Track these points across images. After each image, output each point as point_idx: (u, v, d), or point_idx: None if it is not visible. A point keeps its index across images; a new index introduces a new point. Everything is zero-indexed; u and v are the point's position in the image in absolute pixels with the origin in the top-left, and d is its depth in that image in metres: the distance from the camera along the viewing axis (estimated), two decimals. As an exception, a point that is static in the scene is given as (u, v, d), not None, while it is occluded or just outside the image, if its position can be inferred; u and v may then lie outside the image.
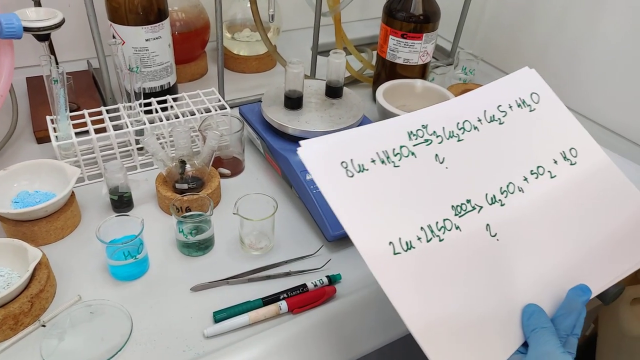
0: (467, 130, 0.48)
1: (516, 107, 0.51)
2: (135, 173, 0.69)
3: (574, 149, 0.52)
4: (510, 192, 0.47)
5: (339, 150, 0.42)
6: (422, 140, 0.46)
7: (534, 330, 0.40)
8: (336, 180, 0.41)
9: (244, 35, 0.95)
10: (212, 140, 0.62)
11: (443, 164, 0.46)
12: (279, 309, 0.51)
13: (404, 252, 0.40)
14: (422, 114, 0.47)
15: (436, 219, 0.43)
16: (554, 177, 0.49)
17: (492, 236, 0.45)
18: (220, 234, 0.61)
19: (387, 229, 0.41)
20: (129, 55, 0.71)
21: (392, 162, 0.43)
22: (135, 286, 0.54)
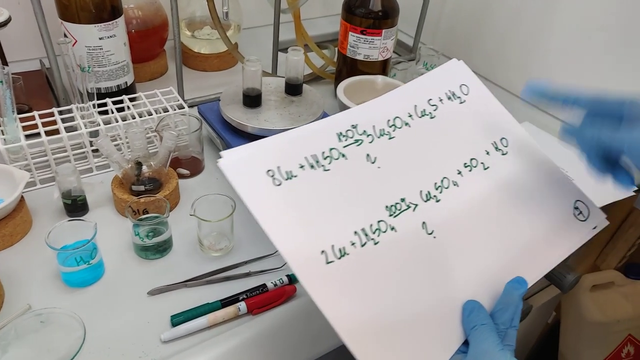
0: (398, 127, 0.47)
1: (446, 99, 0.51)
2: (91, 175, 0.67)
3: (505, 138, 0.52)
4: (445, 187, 0.47)
5: (263, 158, 0.40)
6: (352, 140, 0.45)
7: (474, 328, 0.40)
8: (262, 191, 0.39)
9: (204, 33, 0.94)
10: (168, 140, 0.61)
11: (375, 163, 0.45)
12: (237, 310, 0.51)
13: (337, 260, 0.39)
14: (351, 114, 0.46)
15: (370, 221, 0.42)
16: (487, 168, 0.49)
17: (429, 234, 0.44)
18: (179, 235, 0.60)
19: (319, 237, 0.39)
20: (82, 54, 0.69)
21: (322, 166, 0.42)
22: (90, 292, 0.53)
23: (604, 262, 1.11)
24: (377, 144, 0.45)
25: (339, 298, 0.38)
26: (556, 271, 0.75)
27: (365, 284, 0.40)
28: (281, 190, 0.40)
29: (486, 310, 0.42)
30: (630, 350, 1.12)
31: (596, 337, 1.12)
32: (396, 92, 0.49)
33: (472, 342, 0.40)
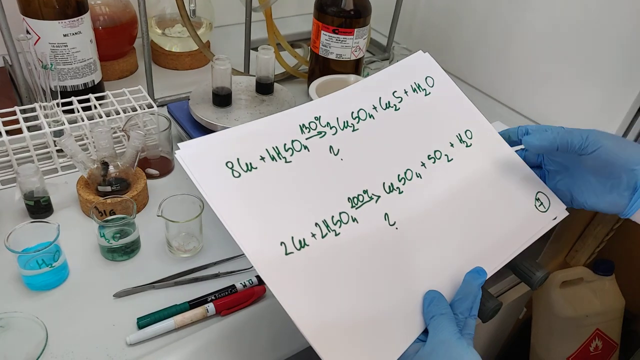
0: (362, 119, 0.47)
1: (412, 92, 0.51)
2: (56, 176, 0.66)
3: (469, 130, 0.52)
4: (408, 179, 0.47)
5: (223, 149, 0.40)
6: (315, 132, 0.44)
7: (433, 318, 0.41)
8: (221, 183, 0.39)
9: (175, 31, 0.92)
10: (135, 140, 0.60)
11: (338, 155, 0.44)
12: (206, 311, 0.50)
13: (297, 251, 0.39)
14: (315, 105, 0.46)
15: (332, 213, 0.42)
16: (450, 160, 0.49)
17: (391, 225, 0.44)
18: (147, 236, 0.59)
19: (279, 228, 0.39)
20: (46, 51, 0.67)
21: (284, 158, 0.42)
22: (53, 296, 0.51)
23: (574, 259, 1.13)
24: (340, 136, 0.45)
25: (299, 290, 0.38)
26: (526, 269, 0.76)
27: (327, 275, 0.39)
28: (240, 182, 0.39)
29: (446, 300, 0.43)
30: (598, 344, 1.14)
31: (566, 331, 1.14)
32: (361, 84, 0.49)
33: (431, 331, 0.41)
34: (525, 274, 0.76)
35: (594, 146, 0.45)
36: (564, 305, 1.12)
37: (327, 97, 0.47)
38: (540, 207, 0.51)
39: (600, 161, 0.45)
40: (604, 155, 0.45)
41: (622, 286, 1.14)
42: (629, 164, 0.44)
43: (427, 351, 0.40)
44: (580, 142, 0.45)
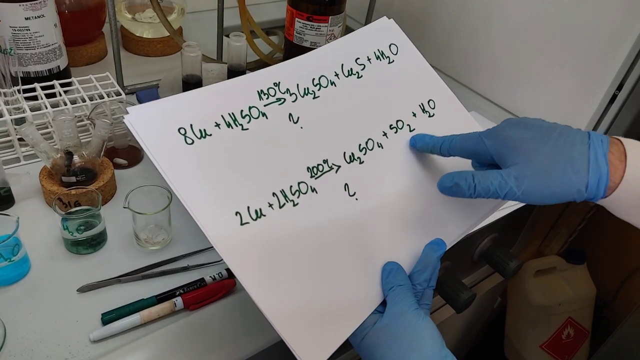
0: (323, 86, 0.45)
1: (375, 59, 0.49)
2: (18, 166, 0.63)
3: (432, 100, 0.51)
4: (369, 148, 0.45)
5: (175, 114, 0.38)
6: (274, 99, 0.42)
7: (392, 289, 0.41)
8: (172, 149, 0.37)
9: (146, 16, 0.89)
10: (101, 129, 0.58)
11: (297, 123, 0.43)
12: (173, 306, 0.49)
13: (253, 221, 0.38)
14: (274, 71, 0.44)
15: (290, 182, 0.40)
16: (412, 130, 0.48)
17: (351, 196, 0.43)
18: (115, 229, 0.57)
19: (234, 198, 0.38)
20: (6, 35, 0.64)
21: (240, 125, 0.40)
22: (13, 291, 0.49)
23: (547, 248, 1.15)
24: (300, 103, 0.43)
25: (255, 261, 0.37)
26: (500, 259, 0.77)
27: (284, 246, 0.39)
28: (193, 150, 0.38)
29: (405, 271, 0.42)
30: (570, 332, 1.17)
31: (539, 320, 1.16)
32: (323, 49, 0.47)
33: (389, 302, 0.41)
34: (499, 264, 0.77)
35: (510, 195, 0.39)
36: (537, 294, 1.13)
37: (287, 62, 0.45)
38: None
39: None
40: None
41: (594, 275, 1.17)
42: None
43: (385, 322, 0.40)
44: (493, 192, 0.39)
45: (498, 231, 0.77)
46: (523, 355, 1.20)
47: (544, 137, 0.38)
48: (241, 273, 0.36)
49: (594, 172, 0.36)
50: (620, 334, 0.95)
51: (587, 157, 0.37)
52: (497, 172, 0.39)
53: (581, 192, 0.37)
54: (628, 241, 1.11)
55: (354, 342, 0.41)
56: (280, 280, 0.38)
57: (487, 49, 0.88)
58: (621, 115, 0.75)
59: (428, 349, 0.37)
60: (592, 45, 0.73)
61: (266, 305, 0.36)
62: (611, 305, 1.19)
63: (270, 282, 0.37)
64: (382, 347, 0.39)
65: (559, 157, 0.37)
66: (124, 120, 0.36)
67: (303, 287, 0.39)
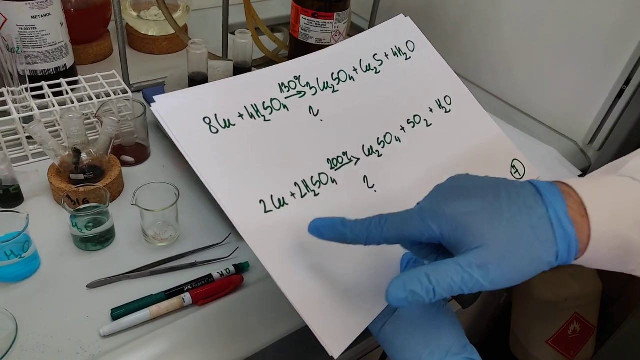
0: (342, 80, 0.46)
1: (392, 55, 0.50)
2: (26, 164, 0.63)
3: (449, 96, 0.52)
4: (387, 142, 0.46)
5: (201, 105, 0.39)
6: (294, 92, 0.44)
7: None
8: (198, 138, 0.38)
9: (151, 14, 0.90)
10: (109, 126, 0.58)
11: (317, 116, 0.44)
12: (182, 301, 0.49)
13: (277, 209, 0.39)
14: (295, 65, 0.45)
15: (311, 173, 0.41)
16: (430, 125, 0.49)
17: (370, 188, 0.44)
18: (122, 225, 0.57)
19: (258, 186, 0.39)
20: (13, 34, 0.65)
21: (263, 116, 0.41)
22: (23, 287, 0.50)
23: (553, 244, 1.14)
24: (320, 96, 0.45)
25: (279, 248, 0.38)
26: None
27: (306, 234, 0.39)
28: (218, 138, 0.39)
29: (422, 262, 0.42)
30: (576, 327, 1.16)
31: (545, 315, 1.16)
32: (341, 45, 0.48)
33: None
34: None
35: None
36: (543, 290, 1.13)
37: (307, 56, 0.46)
38: (515, 175, 0.52)
39: None
40: None
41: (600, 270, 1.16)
42: None
43: (404, 310, 0.40)
44: None
45: (504, 226, 0.77)
46: (529, 351, 1.20)
47: (494, 206, 0.33)
48: (266, 258, 0.37)
49: (561, 239, 0.31)
50: (626, 329, 0.95)
51: (549, 222, 0.32)
52: (453, 263, 0.32)
53: (551, 264, 0.32)
54: (634, 236, 1.10)
55: (374, 329, 0.41)
56: (303, 266, 0.39)
57: (493, 45, 0.88)
58: (628, 110, 0.74)
59: (448, 337, 0.38)
60: (599, 39, 0.73)
61: (290, 290, 0.37)
62: (617, 300, 1.19)
63: (294, 268, 0.38)
64: (402, 335, 0.39)
65: (520, 230, 0.32)
66: (151, 108, 0.37)
67: (325, 274, 0.39)
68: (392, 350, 0.39)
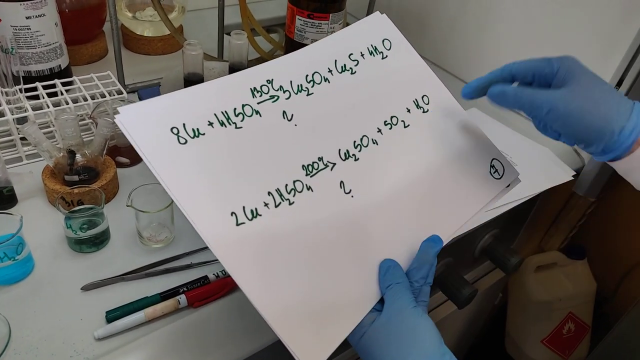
0: (317, 82, 0.45)
1: (368, 54, 0.49)
2: (20, 165, 0.63)
3: (426, 96, 0.51)
4: (364, 145, 0.45)
5: (168, 114, 0.37)
6: (267, 97, 0.42)
7: (389, 287, 0.41)
8: (165, 150, 0.36)
9: (146, 14, 0.89)
10: (104, 127, 0.58)
11: (292, 121, 0.42)
12: (177, 303, 0.49)
13: (249, 221, 0.37)
14: (267, 68, 0.43)
15: (285, 181, 0.40)
16: (407, 126, 0.48)
17: (347, 193, 0.43)
18: (117, 227, 0.57)
19: (229, 198, 0.37)
20: (6, 35, 0.64)
21: (234, 124, 0.40)
22: (17, 290, 0.49)
23: (548, 244, 1.15)
24: (294, 100, 0.43)
25: (251, 261, 0.37)
26: (501, 255, 0.77)
27: (280, 245, 0.39)
28: (186, 149, 0.37)
29: (402, 268, 0.42)
30: (571, 327, 1.17)
31: (540, 315, 1.17)
32: (316, 45, 0.47)
33: (387, 300, 0.41)
34: (501, 260, 0.77)
35: (554, 123, 0.42)
36: (538, 290, 1.14)
37: (280, 59, 0.44)
38: (495, 174, 0.51)
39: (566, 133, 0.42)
40: (570, 132, 0.41)
41: (594, 270, 1.17)
42: (601, 137, 0.40)
43: (383, 320, 0.40)
44: (537, 110, 0.42)
45: (499, 227, 0.77)
46: (524, 351, 1.20)
47: (601, 80, 0.41)
48: (237, 274, 0.36)
49: (633, 120, 0.39)
50: (621, 328, 0.96)
51: (632, 106, 0.40)
52: (548, 90, 0.41)
53: (614, 133, 0.39)
54: (628, 237, 1.11)
55: (352, 340, 0.41)
56: (277, 280, 0.38)
57: (488, 46, 0.88)
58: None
59: (427, 346, 0.38)
60: (592, 41, 0.74)
61: (263, 305, 0.36)
62: (611, 300, 1.20)
63: (267, 282, 0.37)
64: (380, 345, 0.39)
65: (610, 95, 0.40)
66: (115, 120, 0.36)
67: (300, 287, 0.39)
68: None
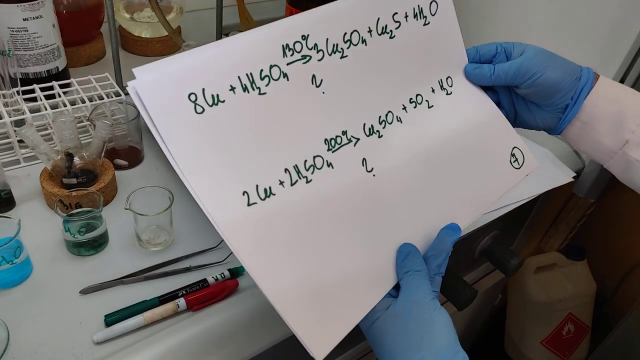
0: (353, 43, 0.41)
1: (412, 17, 0.45)
2: (18, 168, 0.63)
3: (450, 78, 0.49)
4: (389, 122, 0.43)
5: (186, 78, 0.33)
6: (299, 56, 0.38)
7: (407, 273, 0.40)
8: (180, 121, 0.33)
9: (144, 15, 0.89)
10: (102, 130, 0.57)
11: (320, 87, 0.39)
12: (176, 306, 0.49)
13: (261, 201, 0.35)
14: (304, 20, 0.38)
15: (305, 157, 0.38)
16: (431, 107, 0.47)
17: (369, 172, 0.41)
18: (116, 230, 0.57)
19: (243, 176, 0.35)
20: (3, 36, 0.64)
21: (258, 89, 0.36)
22: (15, 293, 0.49)
23: (547, 245, 1.15)
24: (326, 63, 0.39)
25: (261, 245, 0.35)
26: (500, 256, 0.77)
27: (292, 226, 0.37)
28: (203, 119, 0.34)
29: (421, 255, 0.41)
30: (570, 328, 1.17)
31: (540, 316, 1.16)
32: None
33: (404, 287, 0.39)
34: (500, 261, 0.77)
35: (526, 77, 0.47)
36: (538, 291, 1.14)
37: (320, 8, 0.39)
38: (514, 164, 0.50)
39: (533, 89, 0.48)
40: (535, 85, 0.47)
41: (594, 271, 1.17)
42: (561, 87, 0.47)
43: (398, 309, 0.39)
44: (513, 77, 0.48)
45: (498, 229, 0.77)
46: (524, 352, 1.20)
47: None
48: (247, 259, 0.34)
49: (584, 69, 0.48)
50: (621, 330, 0.96)
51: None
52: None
53: (577, 73, 0.47)
54: (627, 237, 1.11)
55: (364, 326, 0.40)
56: (286, 264, 0.36)
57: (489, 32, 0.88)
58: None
59: (441, 343, 0.37)
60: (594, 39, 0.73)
61: (270, 289, 0.35)
62: (611, 301, 1.20)
63: (276, 267, 0.35)
64: (393, 335, 0.38)
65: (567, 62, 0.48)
66: (126, 87, 0.32)
67: (310, 270, 0.37)
68: (382, 352, 0.38)
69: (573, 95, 0.48)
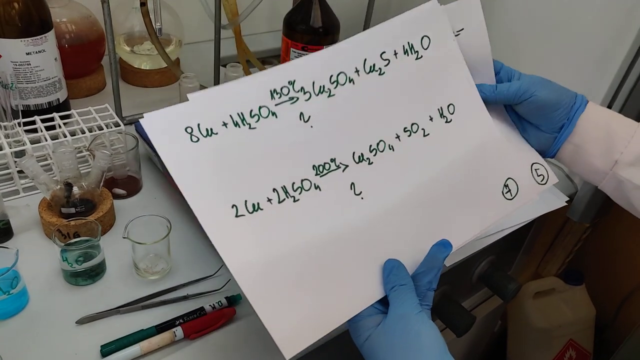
0: (340, 83, 0.43)
1: (402, 54, 0.46)
2: (17, 198, 0.63)
3: (452, 105, 0.49)
4: (380, 150, 0.45)
5: (184, 116, 0.39)
6: (286, 98, 0.41)
7: (393, 289, 0.41)
8: (178, 148, 0.38)
9: (144, 48, 0.91)
10: (101, 160, 0.58)
11: (308, 122, 0.42)
12: (173, 335, 0.49)
13: (249, 214, 0.39)
14: (290, 68, 0.42)
15: (292, 179, 0.41)
16: (427, 135, 0.47)
17: (357, 195, 0.43)
18: (114, 259, 0.57)
19: (232, 192, 0.39)
20: (7, 70, 0.65)
21: (248, 124, 0.40)
22: (11, 324, 0.49)
23: (545, 270, 1.15)
24: (313, 102, 0.42)
25: (248, 251, 0.38)
26: (498, 281, 0.77)
27: (279, 238, 0.39)
28: (198, 147, 0.38)
29: (406, 269, 0.42)
30: (572, 354, 1.16)
31: (540, 342, 1.15)
32: (348, 41, 0.45)
33: (391, 303, 0.41)
34: (498, 286, 0.77)
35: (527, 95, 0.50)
36: (537, 316, 1.13)
37: (306, 57, 0.43)
38: (507, 195, 0.50)
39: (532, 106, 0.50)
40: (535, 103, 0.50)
41: (592, 295, 1.16)
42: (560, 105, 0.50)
43: (387, 325, 0.40)
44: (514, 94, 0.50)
45: (495, 254, 0.78)
46: (526, 379, 1.19)
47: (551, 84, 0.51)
48: (232, 262, 0.37)
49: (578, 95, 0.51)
50: (622, 354, 0.95)
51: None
52: None
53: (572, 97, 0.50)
54: (625, 261, 1.11)
55: (358, 342, 0.41)
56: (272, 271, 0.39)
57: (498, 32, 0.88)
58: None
59: (430, 355, 0.38)
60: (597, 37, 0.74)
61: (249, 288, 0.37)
62: (612, 326, 1.19)
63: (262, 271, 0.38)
64: (384, 350, 0.39)
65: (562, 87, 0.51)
66: (141, 121, 0.38)
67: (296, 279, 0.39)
68: None
69: (569, 115, 0.50)
